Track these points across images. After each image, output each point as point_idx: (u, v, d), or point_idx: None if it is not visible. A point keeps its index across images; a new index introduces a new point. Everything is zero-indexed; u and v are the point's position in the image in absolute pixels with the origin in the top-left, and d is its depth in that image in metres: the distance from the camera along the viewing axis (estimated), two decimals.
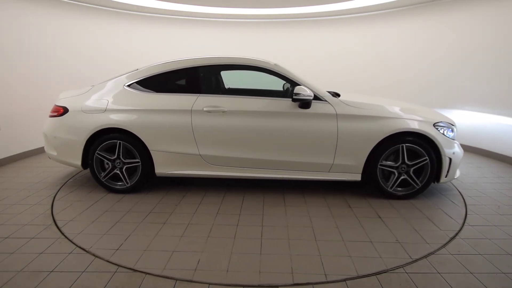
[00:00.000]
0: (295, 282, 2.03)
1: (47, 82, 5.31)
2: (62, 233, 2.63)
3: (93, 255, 2.35)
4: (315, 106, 3.21)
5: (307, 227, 2.75)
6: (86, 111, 3.42)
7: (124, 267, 2.19)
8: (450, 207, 3.14)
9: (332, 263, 2.22)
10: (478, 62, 5.08)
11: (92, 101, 3.45)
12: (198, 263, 2.23)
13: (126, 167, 3.45)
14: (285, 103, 3.23)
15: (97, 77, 6.00)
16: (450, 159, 3.18)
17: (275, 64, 3.41)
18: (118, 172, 3.45)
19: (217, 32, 7.20)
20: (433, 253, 2.33)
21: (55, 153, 3.60)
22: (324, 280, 2.04)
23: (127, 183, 3.46)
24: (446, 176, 3.23)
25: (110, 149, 3.43)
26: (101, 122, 3.34)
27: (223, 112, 3.26)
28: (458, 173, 3.41)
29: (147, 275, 2.08)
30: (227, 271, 2.14)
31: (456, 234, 2.61)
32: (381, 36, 6.50)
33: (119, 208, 3.17)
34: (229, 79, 4.36)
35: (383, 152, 3.18)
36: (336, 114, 3.18)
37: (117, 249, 2.42)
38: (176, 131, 3.29)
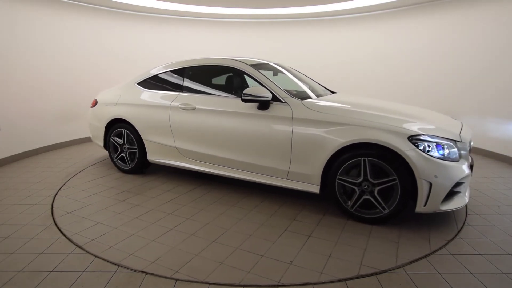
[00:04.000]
0: (146, 270, 2.12)
1: (48, 83, 5.32)
2: (62, 233, 2.63)
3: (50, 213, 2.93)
4: (274, 107, 3.01)
5: (223, 228, 2.70)
6: (107, 104, 4.20)
7: (67, 237, 2.40)
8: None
9: (196, 264, 2.20)
10: (480, 62, 5.08)
11: (111, 96, 4.21)
12: (101, 236, 2.58)
13: (129, 152, 4.07)
14: (243, 103, 3.13)
15: (101, 78, 6.03)
16: (431, 184, 2.48)
17: (250, 65, 3.32)
18: (124, 155, 4.11)
19: (218, 32, 7.20)
20: (433, 253, 2.33)
21: (91, 136, 4.58)
22: (171, 275, 2.08)
23: (129, 165, 4.10)
24: (425, 205, 2.52)
25: (120, 136, 4.10)
26: (113, 113, 4.08)
27: (193, 109, 3.48)
28: (464, 201, 2.66)
29: (147, 275, 2.08)
30: (111, 247, 2.40)
31: (456, 234, 2.61)
32: (382, 36, 6.50)
33: (108, 183, 3.79)
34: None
35: (342, 164, 2.72)
36: (292, 117, 2.91)
37: (68, 213, 2.99)
38: (160, 124, 3.70)
